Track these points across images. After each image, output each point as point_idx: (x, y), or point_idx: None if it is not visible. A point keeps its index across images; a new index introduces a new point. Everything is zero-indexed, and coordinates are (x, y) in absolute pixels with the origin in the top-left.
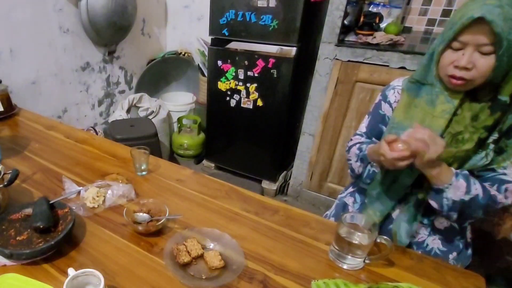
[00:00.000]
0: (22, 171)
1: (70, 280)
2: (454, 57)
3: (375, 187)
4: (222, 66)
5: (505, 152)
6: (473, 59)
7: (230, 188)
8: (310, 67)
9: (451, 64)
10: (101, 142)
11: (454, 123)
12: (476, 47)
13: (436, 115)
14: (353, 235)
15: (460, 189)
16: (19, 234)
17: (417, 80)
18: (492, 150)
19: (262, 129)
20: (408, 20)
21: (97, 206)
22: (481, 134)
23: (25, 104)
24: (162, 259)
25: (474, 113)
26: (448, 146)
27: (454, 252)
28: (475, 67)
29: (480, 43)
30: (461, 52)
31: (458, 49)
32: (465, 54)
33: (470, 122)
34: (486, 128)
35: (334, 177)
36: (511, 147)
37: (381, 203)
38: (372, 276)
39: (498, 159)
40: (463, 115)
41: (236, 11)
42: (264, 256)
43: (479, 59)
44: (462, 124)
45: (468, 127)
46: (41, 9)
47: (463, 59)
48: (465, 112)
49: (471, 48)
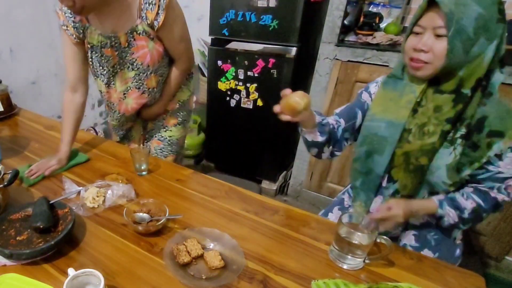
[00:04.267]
0: (22, 171)
1: (70, 280)
2: (415, 42)
3: (357, 178)
4: (222, 66)
5: (479, 148)
6: (430, 42)
7: (230, 188)
8: (310, 67)
9: (411, 48)
10: (101, 142)
11: (420, 115)
12: (432, 31)
13: (401, 105)
14: (353, 235)
15: (450, 216)
16: (19, 234)
17: (393, 74)
18: (461, 145)
19: (262, 129)
20: (408, 20)
21: (97, 206)
22: (443, 126)
23: (25, 104)
24: (162, 259)
25: (436, 104)
26: (415, 138)
27: (426, 248)
28: (431, 50)
29: (435, 26)
30: (421, 36)
31: (419, 33)
32: (422, 37)
33: (433, 113)
34: (448, 121)
35: (334, 177)
36: (483, 142)
37: (364, 193)
38: (372, 276)
39: (475, 155)
40: (427, 106)
41: (236, 11)
42: (264, 256)
43: (435, 42)
44: (426, 115)
45: (432, 118)
46: (41, 9)
47: (420, 42)
48: (429, 103)
49: (429, 32)
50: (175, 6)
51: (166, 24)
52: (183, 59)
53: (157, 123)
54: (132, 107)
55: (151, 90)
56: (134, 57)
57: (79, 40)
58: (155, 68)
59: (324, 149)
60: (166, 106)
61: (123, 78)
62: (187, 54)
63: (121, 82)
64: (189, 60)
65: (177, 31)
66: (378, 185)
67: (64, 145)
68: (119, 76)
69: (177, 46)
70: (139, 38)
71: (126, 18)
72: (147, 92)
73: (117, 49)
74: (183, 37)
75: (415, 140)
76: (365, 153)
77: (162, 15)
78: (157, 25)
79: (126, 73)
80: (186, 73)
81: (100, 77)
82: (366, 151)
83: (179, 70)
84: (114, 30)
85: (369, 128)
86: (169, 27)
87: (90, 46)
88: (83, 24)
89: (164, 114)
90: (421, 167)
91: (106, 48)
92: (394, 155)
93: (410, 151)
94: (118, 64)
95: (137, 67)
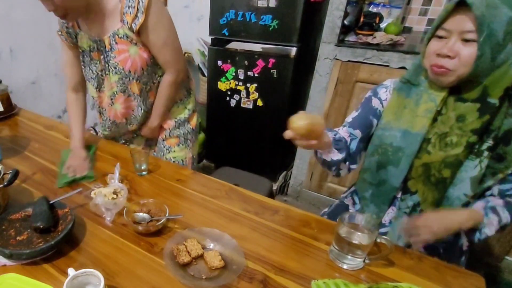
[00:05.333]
0: (22, 171)
1: (70, 280)
2: (439, 46)
3: (367, 189)
4: (222, 66)
5: (505, 160)
6: (456, 48)
7: (230, 188)
8: (310, 67)
9: (434, 52)
10: (101, 142)
11: (440, 123)
12: (459, 35)
13: (419, 114)
14: (353, 235)
15: (493, 224)
16: (19, 234)
17: (407, 80)
18: (487, 157)
19: (262, 129)
20: (408, 20)
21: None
22: (469, 138)
23: (25, 104)
24: (162, 259)
25: (459, 113)
26: (436, 149)
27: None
28: (458, 56)
29: (463, 30)
30: (445, 41)
31: (443, 37)
32: (448, 42)
33: (456, 123)
34: (474, 132)
35: (334, 177)
36: (511, 154)
37: (375, 205)
38: (372, 276)
39: (500, 167)
40: (448, 115)
41: (236, 11)
42: (264, 256)
43: (462, 48)
44: (448, 124)
45: (454, 128)
46: (41, 9)
47: (445, 47)
48: (450, 112)
49: (455, 36)
50: (159, 11)
51: (144, 27)
52: (171, 70)
53: (159, 145)
54: (120, 112)
55: (136, 96)
56: (117, 61)
57: (73, 45)
58: (138, 75)
59: (342, 166)
60: (160, 119)
61: (109, 82)
62: (175, 65)
63: (108, 86)
64: (177, 72)
65: (159, 36)
66: (392, 197)
67: (78, 141)
68: (106, 80)
69: (160, 51)
70: (120, 42)
71: (110, 22)
72: (133, 96)
73: (102, 53)
74: (167, 43)
75: (436, 151)
76: (377, 164)
77: (141, 18)
78: (135, 28)
79: (111, 77)
80: (175, 87)
81: (90, 81)
82: (378, 162)
83: (166, 82)
84: (99, 35)
85: (382, 137)
86: (150, 31)
87: (82, 51)
88: (75, 30)
89: (162, 134)
90: (443, 180)
91: (94, 52)
92: (412, 166)
93: (431, 162)
94: (104, 69)
95: (119, 71)
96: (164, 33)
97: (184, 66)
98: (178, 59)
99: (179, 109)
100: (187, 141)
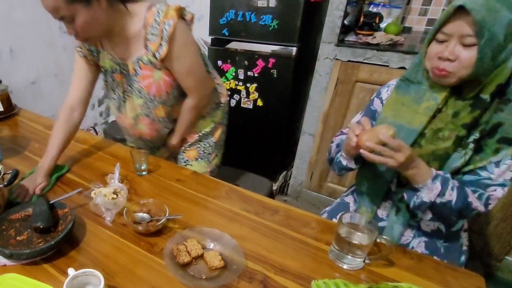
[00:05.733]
0: (22, 171)
1: (70, 280)
2: (439, 49)
3: (363, 183)
4: (222, 66)
5: (483, 152)
6: (456, 51)
7: (230, 188)
8: (310, 67)
9: (435, 55)
10: (101, 142)
11: (437, 120)
12: (459, 39)
13: (420, 112)
14: (353, 235)
15: (433, 191)
16: (19, 234)
17: (406, 78)
18: (472, 150)
19: (262, 129)
20: (408, 20)
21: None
22: (459, 131)
23: (25, 104)
24: (162, 259)
25: (455, 110)
26: (427, 142)
27: (435, 256)
28: (458, 59)
29: (463, 34)
30: (446, 44)
31: (443, 41)
32: (448, 45)
33: (451, 119)
34: (464, 126)
35: (334, 177)
36: (491, 146)
37: (370, 199)
38: (372, 276)
39: (475, 158)
40: (446, 113)
41: (236, 11)
42: (264, 256)
43: (462, 51)
44: (444, 121)
45: (449, 124)
46: (41, 9)
47: (446, 50)
48: (449, 109)
49: (455, 39)
50: (183, 39)
51: (169, 56)
52: (194, 95)
53: (178, 156)
54: (146, 132)
55: (162, 119)
56: (141, 86)
57: (92, 62)
58: (164, 99)
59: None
60: (179, 139)
61: (132, 104)
62: (198, 92)
63: (131, 108)
64: (201, 98)
65: (183, 65)
66: (386, 191)
67: (49, 160)
68: (129, 102)
69: (184, 79)
70: (144, 68)
71: (134, 47)
72: (157, 120)
73: (126, 76)
74: (191, 72)
75: (427, 145)
76: None
77: (165, 47)
78: (159, 57)
79: (135, 99)
80: (197, 111)
81: (112, 100)
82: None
83: (188, 107)
84: (122, 58)
85: None
86: (174, 59)
87: (104, 70)
88: (97, 48)
89: (183, 145)
90: None
91: (116, 74)
92: None
93: (420, 155)
94: (127, 91)
95: (144, 96)
96: (188, 61)
97: (208, 91)
98: (201, 85)
99: (206, 123)
100: (207, 155)
